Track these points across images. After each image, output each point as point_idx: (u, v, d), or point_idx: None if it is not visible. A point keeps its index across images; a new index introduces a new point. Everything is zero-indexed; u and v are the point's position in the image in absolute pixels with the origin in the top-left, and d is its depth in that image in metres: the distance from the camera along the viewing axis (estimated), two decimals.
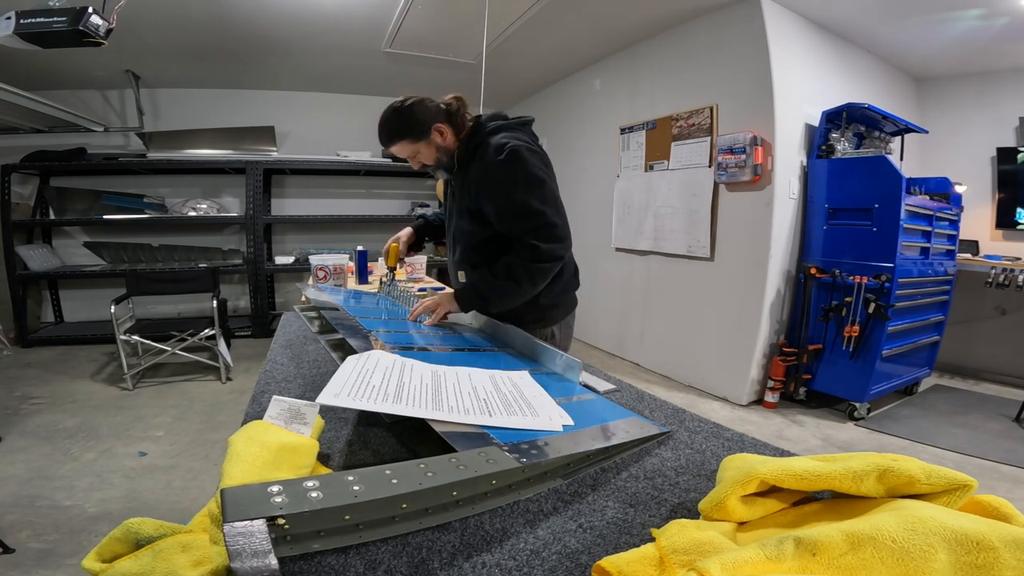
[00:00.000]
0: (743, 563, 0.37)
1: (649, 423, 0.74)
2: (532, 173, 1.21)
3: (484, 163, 1.24)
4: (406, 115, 1.26)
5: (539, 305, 1.33)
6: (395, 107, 1.27)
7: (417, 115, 1.26)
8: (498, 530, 0.49)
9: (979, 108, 3.64)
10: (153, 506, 1.90)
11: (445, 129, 1.29)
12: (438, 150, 1.30)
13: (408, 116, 1.26)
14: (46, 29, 1.59)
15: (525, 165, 1.20)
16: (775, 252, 2.86)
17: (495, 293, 1.25)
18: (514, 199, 1.20)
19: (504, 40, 3.45)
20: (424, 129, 1.26)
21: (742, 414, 2.89)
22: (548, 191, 1.23)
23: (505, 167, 1.20)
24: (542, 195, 1.21)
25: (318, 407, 0.63)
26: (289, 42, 3.58)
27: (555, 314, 1.39)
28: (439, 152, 1.31)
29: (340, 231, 5.08)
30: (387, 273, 1.74)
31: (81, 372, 3.43)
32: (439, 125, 1.28)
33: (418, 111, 1.26)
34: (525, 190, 1.20)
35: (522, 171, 1.20)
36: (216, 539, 0.42)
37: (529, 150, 1.23)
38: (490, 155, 1.23)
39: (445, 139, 1.30)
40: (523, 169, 1.20)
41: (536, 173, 1.21)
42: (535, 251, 1.20)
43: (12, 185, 3.98)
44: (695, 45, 3.19)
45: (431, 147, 1.29)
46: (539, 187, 1.21)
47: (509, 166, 1.20)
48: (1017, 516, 0.42)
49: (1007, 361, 3.47)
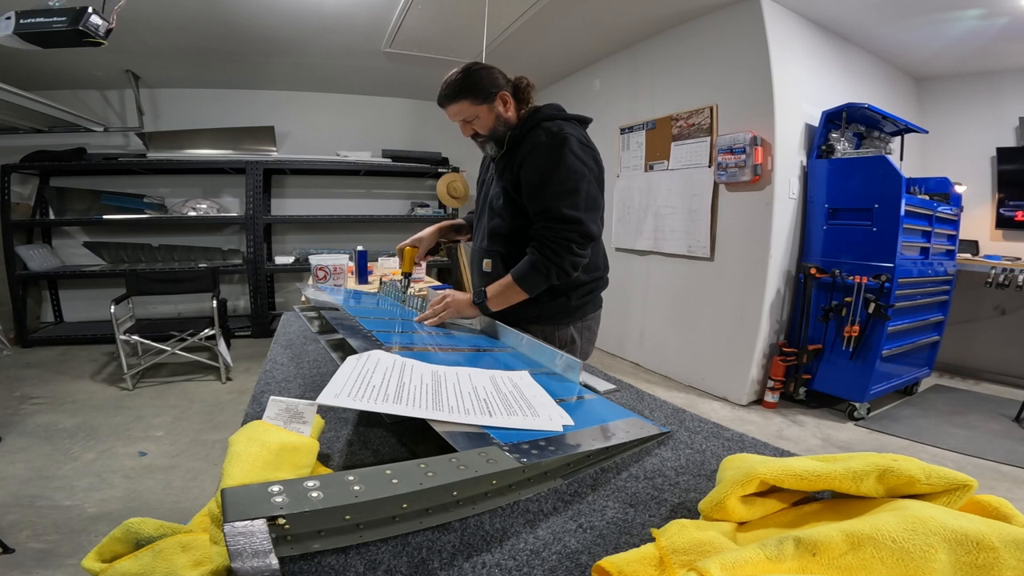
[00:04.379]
0: (743, 563, 0.37)
1: (649, 423, 0.74)
2: (574, 165, 1.18)
3: (532, 143, 1.22)
4: (476, 75, 1.24)
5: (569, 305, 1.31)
6: (467, 66, 1.25)
7: (490, 77, 1.25)
8: (498, 530, 0.49)
9: (979, 108, 3.64)
10: (153, 506, 1.90)
11: (509, 100, 1.27)
12: (497, 119, 1.27)
13: (478, 76, 1.24)
14: (46, 29, 1.59)
15: (571, 155, 1.18)
16: (775, 252, 2.86)
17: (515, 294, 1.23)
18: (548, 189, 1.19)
19: (504, 40, 3.45)
20: (490, 93, 1.24)
21: (742, 414, 2.89)
22: (587, 187, 1.20)
23: (549, 151, 1.18)
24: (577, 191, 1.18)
25: (316, 406, 0.63)
26: (289, 42, 3.58)
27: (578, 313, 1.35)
28: (498, 122, 1.28)
29: (340, 231, 5.08)
30: (403, 279, 1.55)
31: (81, 372, 3.43)
32: (505, 94, 1.26)
33: (492, 74, 1.25)
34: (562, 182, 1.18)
35: (566, 161, 1.18)
36: (216, 539, 0.42)
37: (581, 143, 1.22)
38: (541, 138, 1.21)
39: (507, 109, 1.28)
40: (568, 159, 1.18)
41: (578, 167, 1.19)
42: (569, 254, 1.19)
43: (12, 185, 3.99)
44: (695, 45, 3.19)
45: (492, 114, 1.26)
46: (578, 181, 1.18)
47: (554, 151, 1.18)
48: (1017, 516, 0.42)
49: (1007, 361, 3.47)
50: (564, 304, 1.30)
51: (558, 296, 1.30)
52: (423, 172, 4.99)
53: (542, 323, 1.29)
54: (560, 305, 1.30)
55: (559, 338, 1.32)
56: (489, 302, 1.24)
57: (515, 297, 1.24)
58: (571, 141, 1.19)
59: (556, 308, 1.30)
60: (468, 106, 1.25)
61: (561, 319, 1.32)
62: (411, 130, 5.18)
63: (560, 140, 1.19)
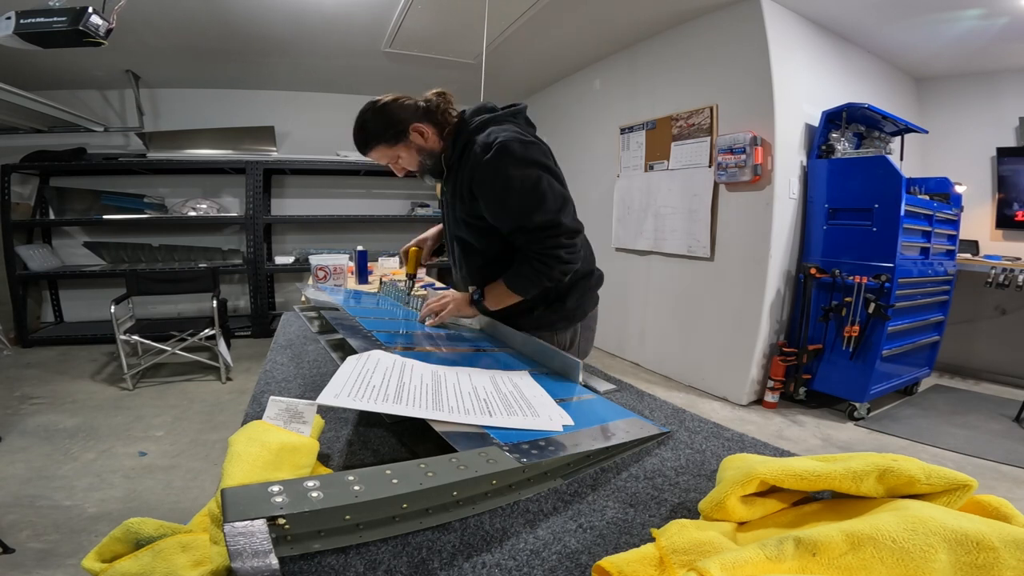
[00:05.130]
0: (743, 563, 0.37)
1: (649, 423, 0.74)
2: (523, 172, 1.08)
3: (472, 165, 1.11)
4: (379, 117, 1.15)
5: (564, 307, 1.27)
6: (366, 110, 1.16)
7: (391, 116, 1.15)
8: (498, 530, 0.49)
9: (979, 108, 3.64)
10: (153, 506, 1.90)
11: (425, 129, 1.16)
12: (420, 152, 1.18)
13: (381, 118, 1.15)
14: (46, 29, 1.59)
15: (516, 164, 1.07)
16: (775, 252, 2.86)
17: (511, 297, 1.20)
18: (510, 207, 1.10)
19: (504, 40, 3.45)
20: (400, 131, 1.15)
21: (742, 414, 2.89)
22: (547, 185, 1.09)
23: (493, 169, 1.07)
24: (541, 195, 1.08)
25: (316, 406, 0.63)
26: (289, 42, 3.58)
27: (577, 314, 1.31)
28: (421, 155, 1.19)
29: (340, 231, 5.08)
30: (406, 281, 1.51)
31: (81, 372, 3.43)
32: (417, 125, 1.15)
33: (392, 111, 1.15)
34: (520, 193, 1.08)
35: (515, 171, 1.07)
36: (216, 539, 0.42)
37: (521, 143, 1.09)
38: (477, 155, 1.09)
39: (427, 140, 1.17)
40: (516, 169, 1.07)
41: (527, 172, 1.08)
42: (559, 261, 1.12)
43: (12, 185, 3.98)
44: (695, 45, 3.19)
45: (411, 150, 1.18)
46: (535, 184, 1.08)
47: (498, 167, 1.07)
48: (1017, 516, 0.42)
49: (1007, 361, 3.47)
50: (560, 309, 1.27)
51: (553, 302, 1.26)
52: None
53: (541, 329, 1.25)
54: (556, 311, 1.26)
55: (558, 340, 1.30)
56: (486, 302, 1.23)
57: (511, 299, 1.21)
58: (510, 146, 1.07)
59: (554, 314, 1.27)
60: (385, 150, 1.18)
61: (560, 324, 1.29)
62: None
63: (499, 151, 1.07)
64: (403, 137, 1.16)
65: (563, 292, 1.26)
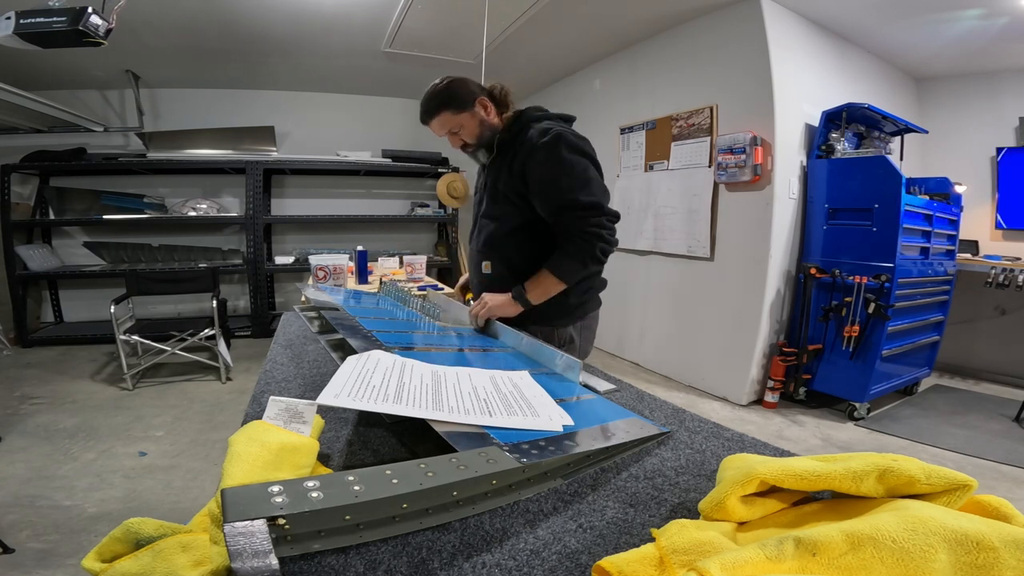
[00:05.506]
0: (743, 563, 0.37)
1: (649, 423, 0.74)
2: (576, 158, 1.20)
3: (527, 146, 1.23)
4: (451, 85, 1.26)
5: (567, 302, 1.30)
6: (439, 81, 1.27)
7: (463, 86, 1.27)
8: (498, 530, 0.49)
9: (979, 108, 3.64)
10: (153, 506, 1.90)
11: (489, 104, 1.29)
12: (482, 124, 1.29)
13: (451, 87, 1.26)
14: (46, 29, 1.58)
15: (570, 150, 1.20)
16: (775, 252, 2.86)
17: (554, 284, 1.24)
18: (560, 186, 1.20)
19: (504, 40, 3.45)
20: (469, 101, 1.26)
21: (742, 414, 2.89)
22: (594, 175, 1.22)
23: (548, 150, 1.20)
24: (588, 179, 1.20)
25: (316, 406, 0.63)
26: (289, 42, 3.58)
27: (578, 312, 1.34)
28: (483, 127, 1.29)
29: (340, 231, 5.08)
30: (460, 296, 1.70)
31: (81, 372, 3.43)
32: (483, 99, 1.28)
33: (464, 82, 1.27)
34: (571, 174, 1.19)
35: (569, 156, 1.19)
36: (216, 539, 0.42)
37: (575, 135, 1.24)
38: (535, 138, 1.22)
39: (490, 114, 1.29)
40: (570, 153, 1.19)
41: (580, 159, 1.20)
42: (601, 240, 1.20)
43: (12, 185, 3.98)
44: (695, 45, 3.19)
45: (475, 120, 1.28)
46: (585, 170, 1.20)
47: (554, 149, 1.19)
48: (1017, 516, 0.42)
49: (1007, 361, 3.47)
50: (564, 303, 1.29)
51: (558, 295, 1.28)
52: (423, 172, 4.99)
53: (542, 323, 1.28)
54: (560, 304, 1.29)
55: (558, 337, 1.31)
56: (529, 296, 1.24)
57: (554, 288, 1.24)
58: (566, 135, 1.21)
59: (557, 308, 1.29)
60: (450, 116, 1.27)
61: (561, 319, 1.31)
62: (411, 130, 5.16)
63: (556, 136, 1.20)
64: (471, 106, 1.27)
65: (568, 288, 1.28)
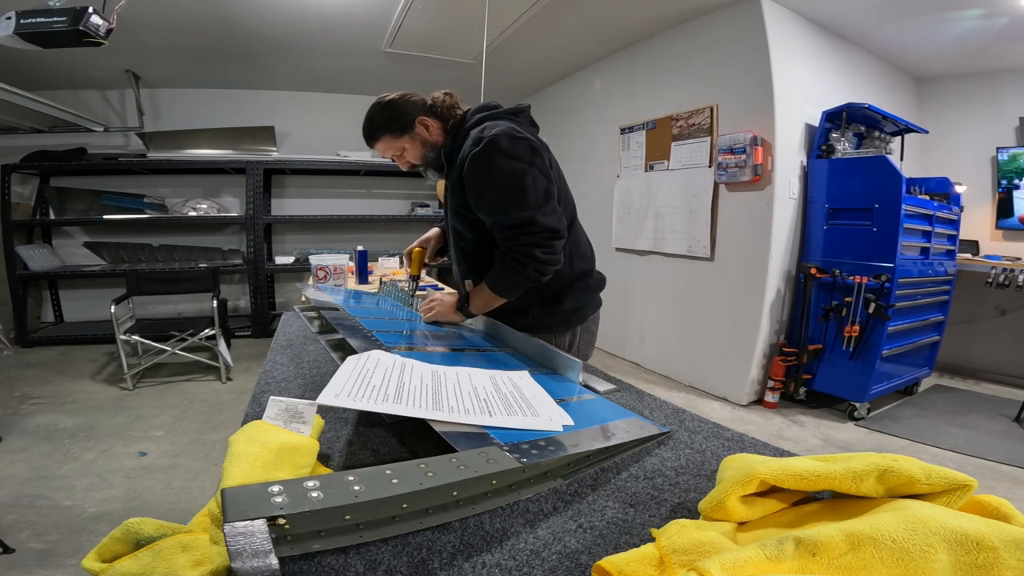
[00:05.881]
0: (743, 563, 0.37)
1: (649, 423, 0.74)
2: (508, 165, 1.08)
3: (462, 157, 1.15)
4: (387, 109, 1.21)
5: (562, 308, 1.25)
6: (375, 103, 1.23)
7: (398, 108, 1.21)
8: (498, 530, 0.49)
9: (979, 108, 3.64)
10: (153, 506, 1.90)
11: (430, 122, 1.22)
12: (423, 145, 1.23)
13: (389, 110, 1.21)
14: (46, 29, 1.59)
15: (501, 157, 1.08)
16: (775, 252, 2.86)
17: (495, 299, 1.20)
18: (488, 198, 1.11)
19: (504, 40, 3.45)
20: (406, 122, 1.20)
21: (742, 414, 2.88)
22: (531, 181, 1.09)
23: (479, 161, 1.09)
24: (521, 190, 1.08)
25: (316, 406, 0.63)
26: (289, 42, 3.58)
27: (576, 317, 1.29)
28: (425, 148, 1.23)
29: (340, 231, 5.08)
30: (409, 282, 1.51)
31: (81, 372, 3.43)
32: (423, 118, 1.21)
33: (399, 104, 1.21)
34: (501, 187, 1.09)
35: (499, 164, 1.08)
36: (216, 539, 0.42)
37: (511, 137, 1.09)
38: (467, 147, 1.13)
39: (430, 133, 1.22)
40: (500, 161, 1.08)
41: (513, 165, 1.08)
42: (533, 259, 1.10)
43: (12, 185, 3.98)
44: (695, 45, 3.19)
45: (416, 142, 1.23)
46: (519, 179, 1.08)
47: (483, 159, 1.09)
48: (1017, 516, 0.42)
49: (1007, 361, 3.47)
50: (558, 310, 1.25)
51: (550, 303, 1.24)
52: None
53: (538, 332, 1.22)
54: (554, 312, 1.25)
55: (556, 343, 1.28)
56: (471, 306, 1.23)
57: (496, 302, 1.20)
58: (499, 140, 1.08)
59: (551, 316, 1.25)
60: (390, 140, 1.23)
61: (559, 326, 1.27)
62: None
63: (487, 144, 1.08)
64: (409, 129, 1.21)
65: (560, 293, 1.24)
